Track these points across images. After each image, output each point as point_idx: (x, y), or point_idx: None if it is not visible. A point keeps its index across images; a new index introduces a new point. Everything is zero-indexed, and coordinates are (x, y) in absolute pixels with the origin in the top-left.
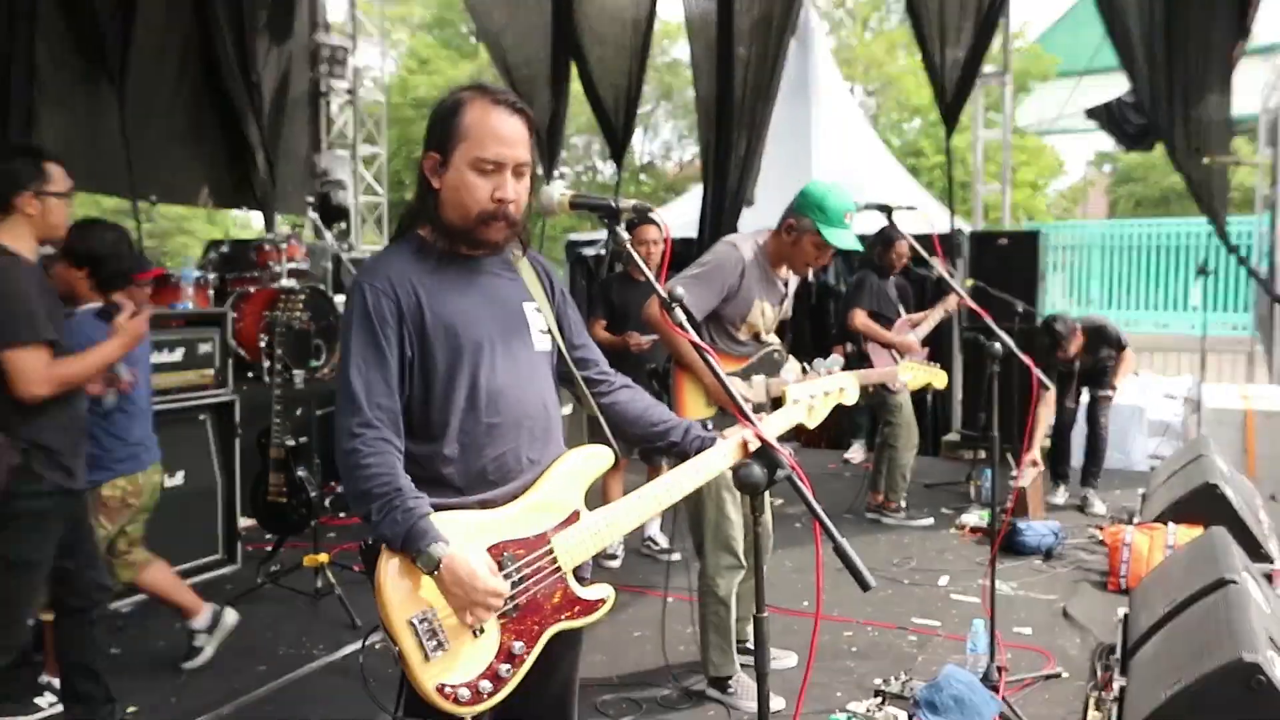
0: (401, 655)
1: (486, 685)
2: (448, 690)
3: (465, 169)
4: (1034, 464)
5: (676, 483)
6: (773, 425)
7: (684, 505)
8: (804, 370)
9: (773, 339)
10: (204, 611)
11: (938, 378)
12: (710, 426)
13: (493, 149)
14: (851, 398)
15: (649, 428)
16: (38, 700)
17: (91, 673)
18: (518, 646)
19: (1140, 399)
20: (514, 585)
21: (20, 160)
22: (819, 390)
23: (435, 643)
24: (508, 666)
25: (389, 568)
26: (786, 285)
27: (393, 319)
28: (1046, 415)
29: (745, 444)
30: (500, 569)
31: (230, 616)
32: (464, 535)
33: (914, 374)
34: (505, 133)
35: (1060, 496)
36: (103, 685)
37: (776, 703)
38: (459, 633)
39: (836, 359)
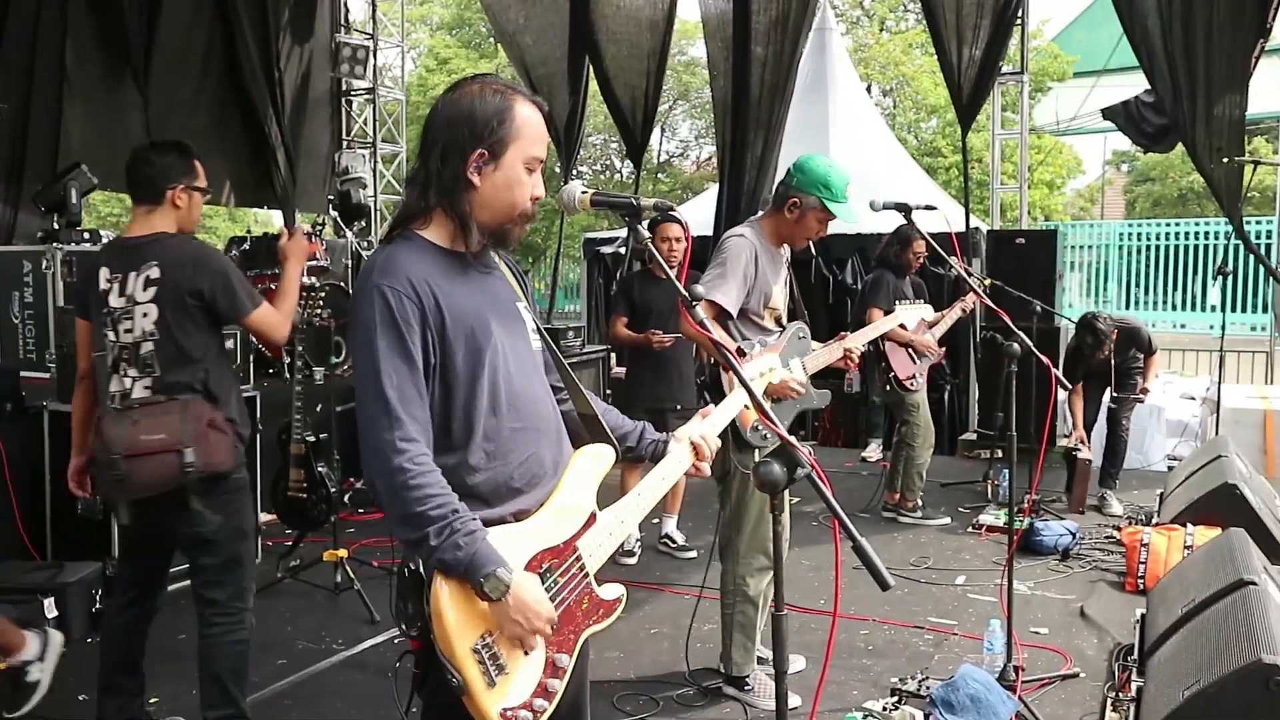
0: (466, 686)
1: (541, 703)
2: (509, 714)
3: (520, 168)
4: (1081, 441)
5: (649, 488)
6: (724, 413)
7: (723, 504)
8: (740, 353)
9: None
10: (31, 641)
11: (926, 310)
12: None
13: (541, 149)
14: (777, 377)
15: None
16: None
17: (135, 666)
18: (562, 659)
19: (1158, 399)
20: (553, 596)
21: (175, 155)
22: (755, 373)
23: (496, 667)
24: (555, 681)
25: (444, 594)
26: (787, 263)
27: (417, 323)
28: (1079, 406)
29: (695, 445)
30: (542, 582)
31: (57, 636)
32: (508, 551)
33: (909, 313)
34: (544, 133)
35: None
36: (139, 678)
37: (793, 701)
38: (514, 652)
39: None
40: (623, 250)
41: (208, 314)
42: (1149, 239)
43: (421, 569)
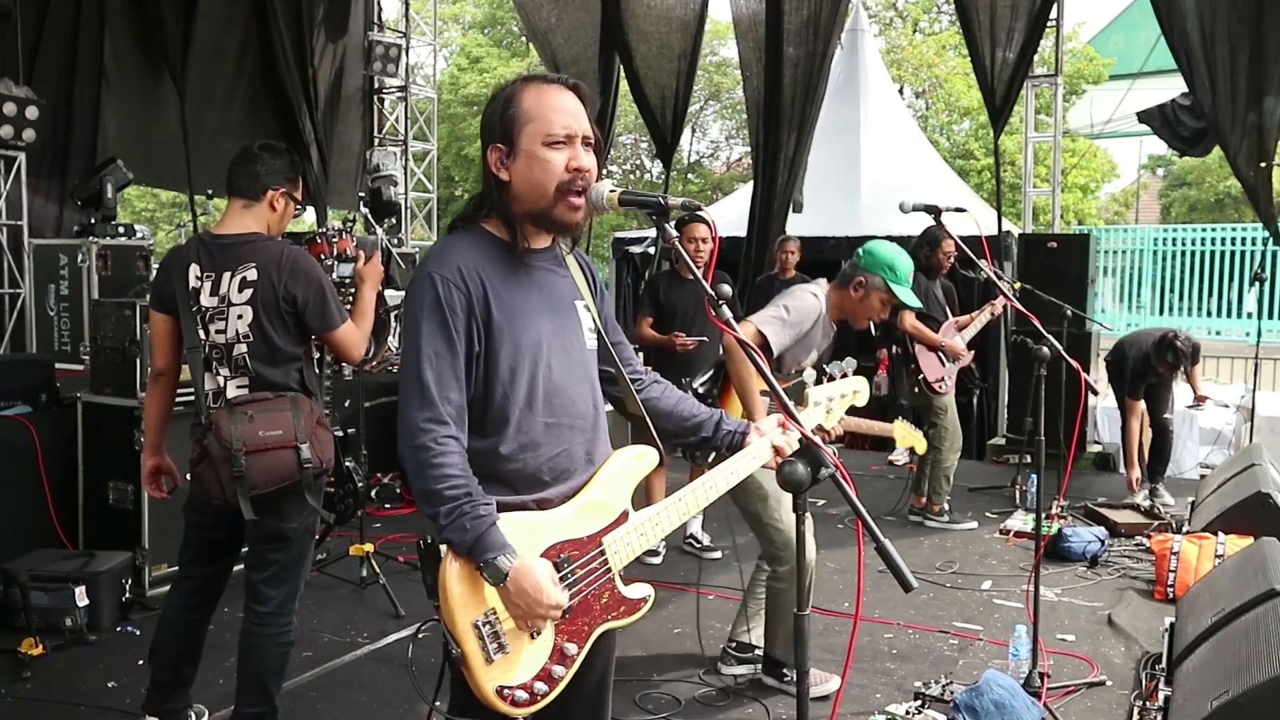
0: (464, 657)
1: (541, 686)
2: (506, 692)
3: (539, 148)
4: (1138, 481)
5: (714, 483)
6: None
7: (739, 509)
8: (819, 376)
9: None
10: None
11: (919, 442)
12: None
13: (559, 122)
14: (863, 399)
15: (681, 423)
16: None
17: (199, 656)
18: (570, 648)
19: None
20: (569, 586)
21: (286, 159)
22: (835, 393)
23: (497, 645)
24: (560, 668)
25: (452, 570)
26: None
27: (463, 311)
28: (1136, 433)
29: (778, 447)
30: (557, 571)
31: None
32: (523, 537)
33: (904, 433)
34: (566, 106)
35: (1140, 496)
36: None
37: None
38: (518, 634)
39: (850, 361)
40: (651, 250)
41: (297, 321)
42: (1184, 244)
43: (437, 543)
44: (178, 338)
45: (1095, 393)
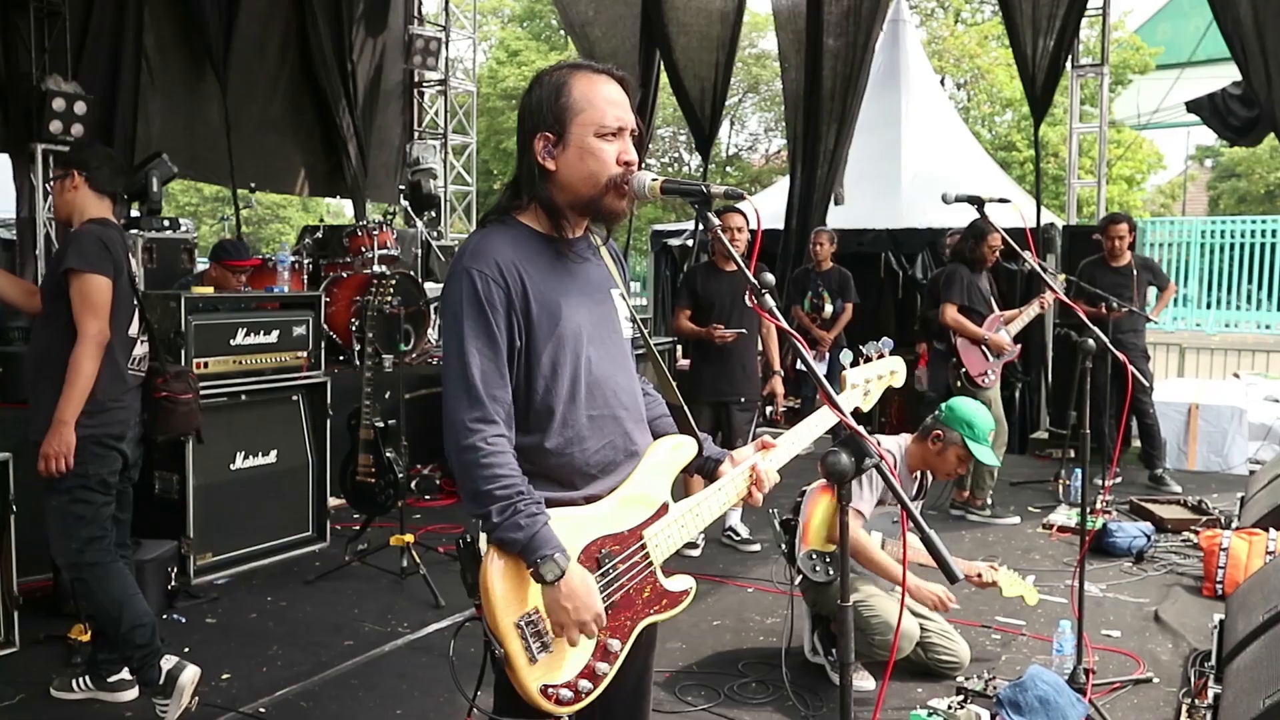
0: (507, 657)
1: (585, 684)
2: (550, 691)
3: (590, 139)
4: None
5: (730, 485)
6: (789, 446)
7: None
8: (855, 357)
9: None
10: None
11: (1029, 593)
12: None
13: (612, 114)
14: (900, 380)
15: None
16: None
17: None
18: (614, 644)
19: (1241, 401)
20: (610, 582)
21: None
22: (872, 374)
23: (540, 644)
24: (604, 664)
25: (495, 569)
26: (921, 490)
27: (502, 306)
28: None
29: (757, 477)
30: (599, 566)
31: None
32: (566, 534)
33: (1010, 582)
34: (616, 98)
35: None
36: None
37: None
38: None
39: (888, 341)
40: (690, 242)
41: None
42: (1233, 236)
43: (478, 542)
44: None
45: (1143, 386)
